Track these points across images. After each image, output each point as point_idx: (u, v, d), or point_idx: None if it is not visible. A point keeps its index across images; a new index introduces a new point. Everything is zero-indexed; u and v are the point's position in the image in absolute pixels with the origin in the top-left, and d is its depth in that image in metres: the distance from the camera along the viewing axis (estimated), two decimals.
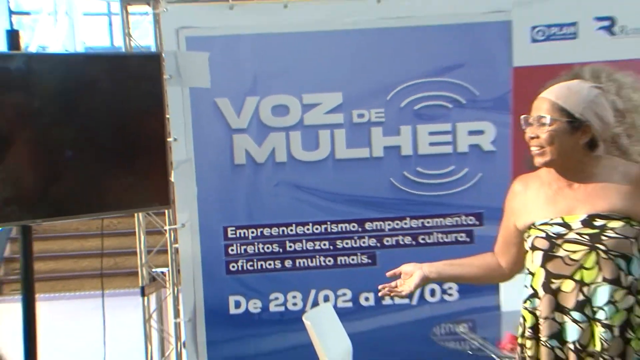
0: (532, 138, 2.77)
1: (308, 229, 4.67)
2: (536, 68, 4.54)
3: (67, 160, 3.96)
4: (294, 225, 4.66)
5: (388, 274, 3.12)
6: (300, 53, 4.62)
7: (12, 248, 11.32)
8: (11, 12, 13.10)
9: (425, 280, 3.04)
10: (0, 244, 11.30)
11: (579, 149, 2.76)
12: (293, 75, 4.61)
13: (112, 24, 13.58)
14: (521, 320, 2.92)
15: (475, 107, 4.66)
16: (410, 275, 3.06)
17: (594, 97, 2.81)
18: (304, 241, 4.67)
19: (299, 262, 4.70)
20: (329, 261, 4.69)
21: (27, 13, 13.48)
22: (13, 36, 4.05)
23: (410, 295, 4.34)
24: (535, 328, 2.84)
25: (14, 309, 4.70)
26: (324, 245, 4.67)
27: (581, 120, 2.71)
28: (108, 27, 13.85)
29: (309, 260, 4.69)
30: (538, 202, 2.89)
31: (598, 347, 2.71)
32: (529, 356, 2.86)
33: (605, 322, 2.71)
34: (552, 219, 2.80)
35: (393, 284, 3.10)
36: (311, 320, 3.82)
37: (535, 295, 2.82)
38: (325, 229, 4.67)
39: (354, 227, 4.68)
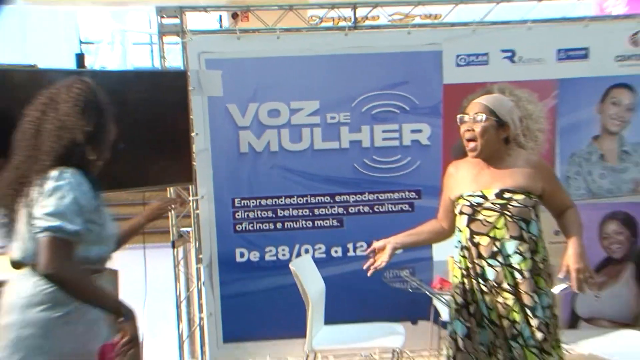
0: (468, 131, 3.04)
1: (293, 200, 4.79)
2: (459, 85, 4.68)
3: (120, 149, 4.06)
4: (283, 197, 4.78)
5: (367, 251, 3.26)
6: (288, 71, 4.72)
7: None
8: (81, 42, 13.24)
9: (394, 251, 3.19)
10: None
11: (499, 141, 3.06)
12: (283, 88, 4.71)
13: (152, 51, 13.72)
14: (457, 263, 3.18)
15: (416, 113, 4.79)
16: (382, 249, 3.20)
17: (512, 106, 3.13)
18: (290, 209, 4.79)
19: (287, 225, 4.81)
20: (309, 224, 4.82)
21: (92, 42, 13.59)
22: (80, 58, 4.24)
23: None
24: (468, 270, 3.11)
25: None
26: (305, 212, 4.81)
27: (504, 121, 3.02)
28: (150, 53, 13.96)
29: (294, 223, 4.80)
30: (465, 180, 3.14)
31: (511, 282, 2.97)
32: (466, 289, 3.11)
33: (515, 266, 2.98)
34: (474, 192, 3.07)
35: (371, 260, 3.20)
36: (296, 267, 4.00)
37: (465, 247, 3.10)
38: (306, 200, 4.80)
39: (327, 199, 4.81)
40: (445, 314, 4.34)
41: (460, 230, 3.15)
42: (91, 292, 2.30)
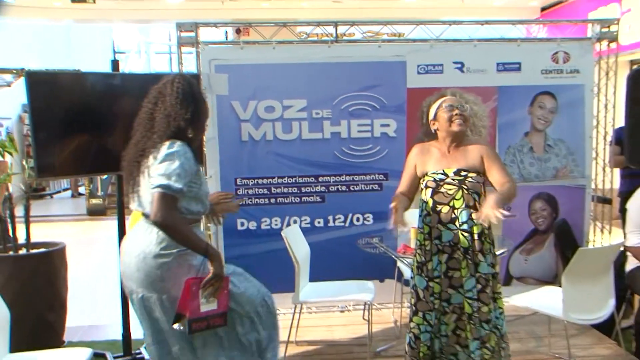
0: (460, 115, 3.10)
1: (284, 180, 4.75)
2: (420, 89, 4.64)
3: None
4: (276, 177, 4.74)
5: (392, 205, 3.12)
6: (282, 75, 4.68)
7: (112, 188, 11.49)
8: (114, 52, 13.37)
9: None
10: (105, 185, 11.39)
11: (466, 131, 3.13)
12: (277, 89, 4.66)
13: (171, 59, 13.83)
14: (419, 230, 3.20)
15: (385, 111, 4.77)
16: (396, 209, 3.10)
17: (483, 106, 3.21)
18: (282, 187, 4.76)
19: (279, 200, 4.77)
20: (297, 200, 4.78)
21: (123, 52, 13.71)
22: (114, 63, 4.16)
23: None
24: (430, 234, 3.13)
25: (112, 224, 4.79)
26: (294, 190, 4.77)
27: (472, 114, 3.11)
28: (168, 60, 14.12)
29: (285, 198, 4.77)
30: (431, 160, 3.18)
31: (464, 244, 3.03)
32: (426, 250, 3.15)
33: (468, 230, 3.04)
34: (437, 171, 3.12)
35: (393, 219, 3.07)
36: (286, 234, 3.95)
37: (428, 215, 3.13)
38: (295, 180, 4.76)
39: (312, 179, 4.78)
40: (407, 273, 4.35)
41: (425, 202, 3.19)
42: (187, 236, 2.50)
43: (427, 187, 3.16)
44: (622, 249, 3.98)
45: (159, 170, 2.49)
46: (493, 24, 5.07)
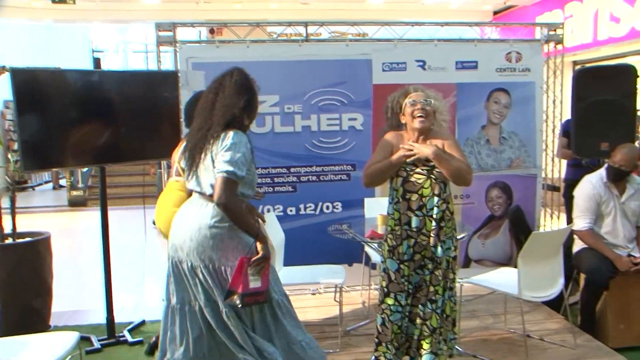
0: (422, 109, 3.09)
1: (258, 171, 4.40)
2: (385, 85, 4.67)
3: (124, 131, 4.01)
4: None
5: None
6: (255, 73, 4.22)
7: (92, 180, 11.42)
8: (93, 50, 13.07)
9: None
10: (85, 178, 11.24)
11: (432, 123, 3.13)
12: None
13: (147, 57, 13.60)
14: (390, 216, 3.17)
15: (352, 105, 4.76)
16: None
17: (443, 101, 3.18)
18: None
19: None
20: (270, 189, 4.73)
21: (101, 51, 13.40)
22: (96, 61, 4.10)
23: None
24: (400, 220, 3.12)
25: (93, 215, 4.74)
26: (267, 180, 4.73)
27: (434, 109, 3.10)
28: (145, 59, 13.80)
29: (259, 188, 4.45)
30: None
31: (429, 228, 3.03)
32: (397, 235, 3.12)
33: (434, 216, 3.03)
34: (408, 161, 3.10)
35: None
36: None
37: (398, 202, 3.11)
38: (268, 171, 4.72)
39: (284, 170, 4.75)
40: (374, 257, 4.36)
41: (395, 189, 3.16)
42: (243, 218, 2.63)
43: (398, 175, 3.14)
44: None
45: (225, 157, 2.60)
46: (452, 25, 5.11)
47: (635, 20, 7.67)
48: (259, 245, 2.67)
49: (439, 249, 3.07)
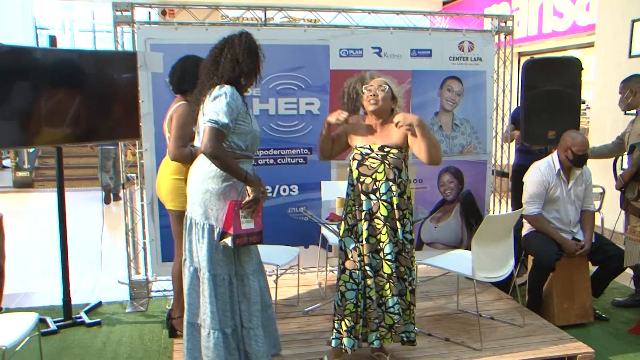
0: (374, 95, 3.12)
1: None
2: (342, 71, 4.73)
3: (81, 112, 3.92)
4: None
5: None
6: None
7: (39, 161, 11.12)
8: (36, 27, 12.45)
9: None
10: (32, 158, 10.97)
11: (389, 109, 3.16)
12: None
13: (95, 37, 13.14)
14: (348, 196, 3.24)
15: (310, 90, 4.79)
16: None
17: (399, 87, 3.20)
18: None
19: None
20: None
21: (45, 28, 12.79)
22: (52, 39, 4.00)
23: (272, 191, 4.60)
24: (354, 200, 3.18)
25: (40, 196, 4.63)
26: None
27: (395, 96, 3.14)
28: (93, 39, 13.33)
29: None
30: (358, 136, 3.23)
31: (384, 213, 3.09)
32: (354, 215, 3.19)
33: (387, 200, 3.09)
34: (364, 145, 3.17)
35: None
36: None
37: (352, 184, 3.18)
38: None
39: None
40: (331, 239, 4.42)
41: (351, 172, 3.22)
42: (230, 165, 2.80)
43: (354, 159, 3.22)
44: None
45: (209, 107, 2.78)
46: (407, 14, 5.18)
47: (577, 15, 7.96)
48: (249, 189, 2.88)
49: (401, 231, 3.15)
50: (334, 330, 3.27)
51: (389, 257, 3.16)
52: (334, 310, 3.27)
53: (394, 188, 3.12)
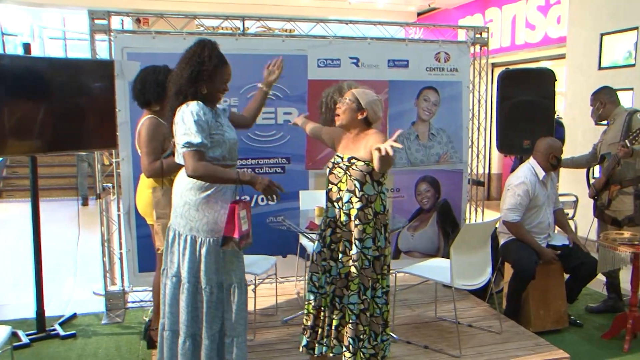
0: (338, 108, 3.16)
1: None
2: (320, 81, 4.76)
3: (56, 121, 3.90)
4: None
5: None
6: None
7: (7, 171, 10.93)
8: (2, 33, 12.20)
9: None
10: (0, 168, 10.85)
11: (356, 120, 3.14)
12: None
13: (66, 44, 12.95)
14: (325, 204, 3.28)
15: (288, 100, 4.81)
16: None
17: (375, 100, 3.17)
18: None
19: None
20: None
21: (14, 35, 12.53)
22: (26, 46, 3.96)
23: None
24: (326, 207, 3.24)
25: (9, 207, 4.55)
26: None
27: (362, 107, 3.10)
28: (63, 46, 13.13)
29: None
30: (341, 143, 3.28)
31: (343, 220, 3.11)
32: (325, 222, 3.23)
33: (345, 211, 3.11)
34: (338, 154, 3.21)
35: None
36: None
37: (326, 192, 3.25)
38: None
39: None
40: (309, 249, 4.42)
41: (326, 180, 3.27)
42: (216, 176, 2.78)
43: (327, 167, 3.27)
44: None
45: (179, 130, 2.75)
46: (384, 25, 5.24)
47: (548, 27, 8.14)
48: (253, 185, 2.86)
49: (354, 246, 3.10)
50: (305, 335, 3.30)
51: (340, 265, 3.16)
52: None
53: (354, 200, 3.09)
